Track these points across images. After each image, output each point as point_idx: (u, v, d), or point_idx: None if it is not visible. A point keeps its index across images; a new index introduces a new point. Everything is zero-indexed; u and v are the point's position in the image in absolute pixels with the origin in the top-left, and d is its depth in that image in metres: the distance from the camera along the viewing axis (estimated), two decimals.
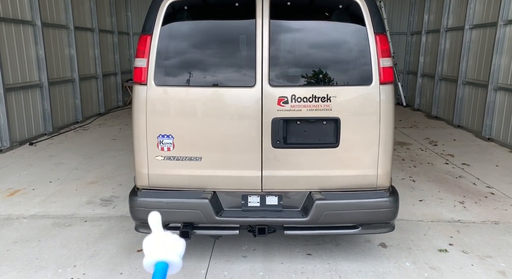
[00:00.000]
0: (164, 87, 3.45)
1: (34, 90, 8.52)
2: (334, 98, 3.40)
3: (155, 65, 3.41)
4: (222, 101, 3.46)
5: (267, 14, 3.37)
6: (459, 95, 9.88)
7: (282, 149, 3.44)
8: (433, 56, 11.61)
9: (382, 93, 3.40)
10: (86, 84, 10.99)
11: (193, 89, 3.47)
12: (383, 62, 3.39)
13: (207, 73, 3.48)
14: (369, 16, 3.38)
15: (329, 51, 3.49)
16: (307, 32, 3.52)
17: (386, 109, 3.43)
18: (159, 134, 3.46)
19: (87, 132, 9.53)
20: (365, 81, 3.41)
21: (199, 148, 3.46)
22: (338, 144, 3.43)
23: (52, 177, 6.11)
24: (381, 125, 3.43)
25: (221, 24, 3.57)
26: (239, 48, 3.54)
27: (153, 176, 3.51)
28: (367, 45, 3.38)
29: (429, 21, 12.13)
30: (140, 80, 3.44)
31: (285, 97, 3.40)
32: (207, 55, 3.48)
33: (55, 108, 9.31)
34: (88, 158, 7.20)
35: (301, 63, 3.51)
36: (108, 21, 12.44)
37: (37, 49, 8.56)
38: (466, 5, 9.52)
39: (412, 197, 5.36)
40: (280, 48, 3.49)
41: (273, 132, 3.42)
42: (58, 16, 9.50)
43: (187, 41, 3.49)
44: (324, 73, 3.46)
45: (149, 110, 3.45)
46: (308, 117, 3.42)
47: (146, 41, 3.41)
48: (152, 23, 3.41)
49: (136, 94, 3.47)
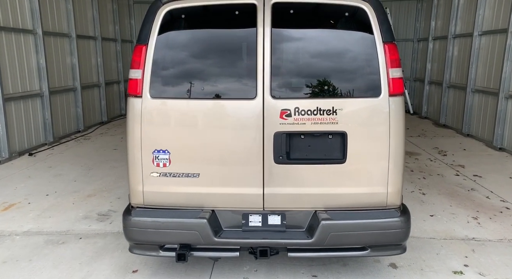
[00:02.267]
0: (160, 99, 3.27)
1: (34, 99, 8.41)
2: (340, 110, 3.19)
3: (151, 77, 3.23)
4: (221, 114, 3.27)
5: (268, 23, 3.18)
6: (468, 103, 9.62)
7: (285, 165, 3.24)
8: (441, 63, 11.37)
9: (392, 105, 3.19)
10: (88, 92, 10.88)
11: (191, 101, 3.28)
12: (393, 73, 3.19)
13: (206, 85, 3.29)
14: (377, 24, 3.18)
15: (335, 61, 3.29)
16: (311, 41, 3.32)
17: (396, 122, 3.21)
18: (154, 149, 3.28)
19: (88, 141, 9.38)
20: (374, 93, 3.20)
21: (197, 164, 3.27)
22: (345, 159, 3.22)
23: (49, 190, 5.94)
24: (391, 140, 3.21)
25: (220, 33, 3.39)
26: (239, 58, 3.36)
27: (148, 194, 3.31)
28: (375, 55, 3.18)
29: (436, 27, 11.92)
30: (135, 92, 3.27)
31: (288, 110, 3.21)
32: (206, 66, 3.30)
33: (56, 118, 9.19)
34: (88, 169, 7.04)
35: (304, 73, 3.31)
36: (111, 29, 12.36)
37: (38, 58, 8.46)
38: (474, 11, 9.30)
39: (423, 211, 5.12)
40: (283, 58, 3.30)
41: (275, 147, 3.22)
42: (60, 24, 9.41)
43: (185, 51, 3.30)
44: (330, 84, 3.26)
45: (144, 123, 3.26)
46: (313, 131, 3.21)
47: (141, 51, 3.24)
48: (147, 32, 3.24)
49: (131, 107, 3.29)
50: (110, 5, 12.27)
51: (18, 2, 7.86)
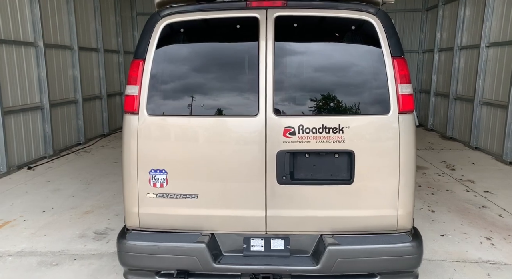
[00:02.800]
0: (157, 116, 3.11)
1: (34, 112, 8.30)
2: (347, 128, 3.02)
3: (148, 93, 3.09)
4: (221, 132, 3.10)
5: (271, 37, 3.04)
6: (476, 115, 9.42)
7: (289, 186, 3.06)
8: (447, 74, 11.21)
9: (402, 123, 3.01)
10: (90, 104, 10.79)
11: (190, 119, 3.12)
12: (402, 89, 3.02)
13: (206, 101, 3.14)
14: (385, 38, 3.03)
15: (341, 76, 3.13)
16: (316, 56, 3.17)
17: (406, 141, 3.03)
18: (151, 169, 3.11)
19: (89, 154, 9.25)
20: (382, 110, 3.04)
21: (196, 184, 3.10)
22: (352, 180, 3.04)
23: (46, 206, 5.78)
24: (401, 160, 3.03)
25: (220, 47, 3.24)
26: (240, 73, 3.20)
27: (144, 216, 3.14)
28: (384, 70, 3.01)
29: (442, 38, 11.78)
30: (131, 109, 3.12)
31: (291, 128, 3.04)
32: (205, 81, 3.14)
33: (57, 130, 9.07)
34: (87, 184, 6.88)
35: (309, 89, 3.15)
36: (114, 41, 12.33)
37: (39, 70, 8.38)
38: (481, 22, 9.16)
39: (433, 230, 4.90)
40: (286, 73, 3.15)
41: (278, 167, 3.04)
42: (62, 37, 9.36)
43: (183, 66, 3.16)
44: (336, 101, 3.09)
45: (141, 142, 3.10)
46: (318, 149, 3.04)
47: (138, 66, 3.10)
48: (145, 46, 3.10)
49: (127, 124, 3.14)
50: (113, 17, 12.26)
51: (20, 15, 7.81)
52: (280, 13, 3.08)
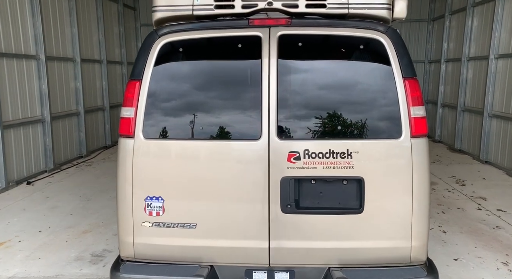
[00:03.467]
0: (154, 140, 2.95)
1: (35, 125, 8.18)
2: (356, 153, 2.83)
3: (144, 115, 2.93)
4: (221, 157, 2.93)
5: (274, 56, 2.87)
6: (485, 128, 9.18)
7: (294, 215, 2.87)
8: (455, 85, 11.00)
9: (415, 148, 2.82)
10: (92, 116, 10.67)
11: (188, 143, 2.95)
12: (414, 111, 2.83)
13: (205, 125, 2.97)
14: (396, 58, 2.85)
15: (349, 98, 2.95)
16: (322, 77, 3.00)
17: (420, 167, 2.84)
18: (147, 196, 2.94)
19: (90, 168, 9.10)
20: (393, 134, 2.85)
21: (194, 212, 2.92)
22: (362, 209, 2.84)
23: (43, 225, 5.60)
24: (415, 187, 2.83)
25: (221, 69, 3.08)
26: (241, 95, 3.03)
27: (140, 246, 2.95)
28: (395, 92, 2.83)
29: (449, 49, 11.60)
30: (126, 132, 2.95)
31: (296, 152, 2.86)
32: (205, 104, 2.98)
33: (58, 143, 8.94)
34: (86, 200, 6.71)
35: (315, 112, 2.97)
36: (117, 52, 12.26)
37: (40, 83, 8.28)
38: (490, 34, 8.97)
39: (445, 254, 4.66)
40: (290, 94, 2.97)
41: (282, 194, 2.86)
42: (64, 49, 9.28)
43: (182, 88, 3.00)
44: (343, 124, 2.91)
45: (136, 167, 2.93)
46: (325, 176, 2.85)
47: (134, 87, 2.94)
48: (142, 67, 2.95)
49: (122, 149, 2.97)
50: (117, 29, 12.20)
51: (22, 28, 7.73)
52: (284, 31, 2.92)
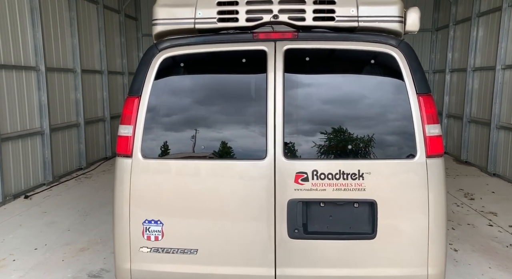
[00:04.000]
0: (153, 160, 2.79)
1: (34, 137, 8.03)
2: (368, 174, 2.66)
3: (143, 134, 2.77)
4: (224, 178, 2.76)
5: (280, 71, 2.72)
6: (493, 139, 9.00)
7: (302, 240, 2.70)
8: (460, 96, 10.85)
9: (430, 169, 2.65)
10: (92, 127, 10.54)
11: (189, 162, 2.79)
12: (430, 130, 2.67)
13: (207, 143, 2.81)
14: (409, 73, 2.70)
15: (360, 116, 2.79)
16: (331, 93, 2.84)
17: (436, 189, 2.66)
18: (145, 220, 2.77)
19: (89, 180, 8.93)
20: (408, 154, 2.69)
21: (195, 237, 2.74)
22: (374, 234, 2.67)
23: (39, 242, 5.42)
24: (431, 211, 2.66)
25: (224, 85, 2.93)
26: (246, 113, 2.87)
27: (137, 273, 2.78)
28: (408, 109, 2.67)
29: (453, 59, 11.47)
30: (124, 151, 2.80)
31: (304, 173, 2.69)
32: (207, 122, 2.82)
33: (57, 155, 8.79)
34: (84, 215, 6.53)
35: (324, 130, 2.81)
36: (118, 62, 12.17)
37: (39, 95, 8.15)
38: (496, 44, 8.84)
39: (459, 275, 4.45)
40: (298, 112, 2.81)
41: (289, 218, 2.68)
42: (64, 60, 9.18)
43: (183, 105, 2.85)
44: (354, 143, 2.74)
45: (134, 189, 2.77)
46: (335, 199, 2.68)
47: (133, 104, 2.79)
48: (141, 82, 2.80)
49: (119, 169, 2.81)
50: (118, 39, 12.13)
51: (21, 39, 7.63)
52: (290, 45, 2.77)
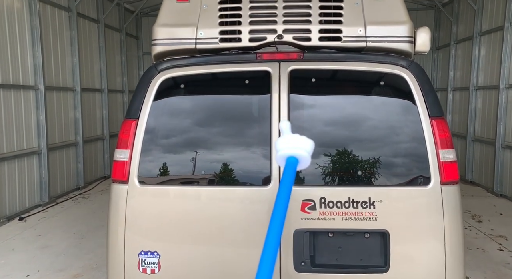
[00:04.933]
0: (150, 187, 2.63)
1: (30, 157, 7.88)
2: (380, 203, 2.50)
3: (140, 159, 2.62)
4: (226, 206, 2.60)
5: (285, 93, 2.59)
6: (498, 159, 8.84)
7: (309, 274, 2.52)
8: (463, 114, 10.74)
9: (446, 197, 2.49)
10: (91, 146, 10.40)
11: (188, 189, 2.64)
12: (444, 155, 2.52)
13: (207, 169, 2.66)
14: (421, 95, 2.57)
15: (369, 140, 2.64)
16: (338, 116, 2.71)
17: (453, 218, 2.50)
18: (141, 251, 2.59)
19: (86, 201, 8.73)
20: (421, 181, 2.53)
21: (194, 270, 2.56)
22: (387, 267, 2.48)
23: (31, 268, 5.20)
24: (447, 241, 2.49)
25: (226, 108, 2.80)
26: (248, 136, 2.73)
27: None
28: (421, 133, 2.53)
29: (455, 78, 11.42)
30: (120, 177, 2.64)
31: (311, 201, 2.53)
32: (208, 146, 2.68)
33: (54, 175, 8.61)
34: (80, 238, 6.31)
35: (331, 154, 2.65)
36: (118, 81, 12.13)
37: (38, 114, 8.03)
38: (499, 63, 8.78)
39: None
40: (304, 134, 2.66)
41: (295, 250, 2.51)
42: (64, 79, 9.11)
43: (183, 129, 2.70)
44: (364, 168, 2.59)
45: (129, 217, 2.60)
46: (345, 229, 2.51)
47: (130, 127, 2.64)
48: (139, 105, 2.66)
49: (114, 196, 2.66)
50: (119, 57, 12.12)
51: (21, 59, 7.56)
52: (295, 66, 2.65)
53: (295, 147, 1.39)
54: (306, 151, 1.40)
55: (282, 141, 1.43)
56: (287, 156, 1.39)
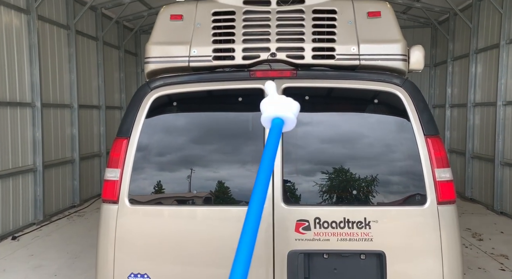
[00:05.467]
0: (141, 207, 2.57)
1: (25, 175, 7.80)
2: (375, 223, 2.44)
3: (131, 178, 2.57)
4: (218, 226, 2.54)
5: None
6: (497, 176, 8.78)
7: None
8: (461, 131, 10.73)
9: (443, 217, 2.44)
10: (88, 163, 10.33)
11: (179, 209, 2.58)
12: (440, 174, 2.47)
13: (200, 188, 2.60)
14: (416, 113, 2.54)
15: (365, 159, 2.60)
16: (332, 134, 2.67)
17: (450, 239, 2.44)
18: (130, 273, 2.52)
19: (82, 219, 8.61)
20: (417, 201, 2.48)
21: None
22: None
23: None
24: (445, 262, 2.42)
25: (219, 125, 2.77)
26: (241, 154, 2.69)
27: None
28: (416, 152, 2.49)
29: (453, 94, 11.46)
30: (110, 197, 2.58)
31: (305, 221, 2.47)
32: (200, 165, 2.64)
33: (49, 193, 8.51)
34: (74, 258, 6.18)
35: (325, 173, 2.61)
36: (116, 97, 12.15)
37: (34, 131, 8.00)
38: (496, 80, 8.82)
39: None
40: (297, 153, 2.63)
41: (289, 271, 2.44)
42: (61, 95, 9.12)
43: (175, 147, 2.67)
44: (360, 188, 2.54)
45: (119, 238, 2.53)
46: (340, 250, 2.45)
47: (121, 146, 2.60)
48: (130, 123, 2.63)
49: (104, 216, 2.59)
50: (117, 74, 12.18)
51: (18, 76, 7.57)
52: (289, 84, 2.63)
53: (281, 108, 1.36)
54: (292, 112, 1.37)
55: (268, 102, 1.39)
56: (272, 117, 1.35)
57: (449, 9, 10.77)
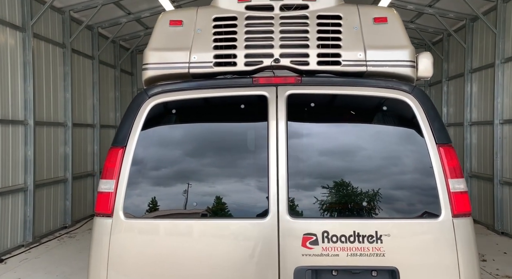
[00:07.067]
0: (136, 220, 2.41)
1: (15, 195, 7.55)
2: (387, 237, 2.30)
3: (127, 189, 2.41)
4: (218, 241, 2.38)
5: (283, 119, 2.45)
6: (497, 196, 8.66)
7: None
8: (459, 150, 10.67)
9: (458, 230, 2.31)
10: (81, 182, 10.08)
11: (178, 222, 2.42)
12: (454, 185, 2.35)
13: (199, 200, 2.45)
14: (427, 121, 2.44)
15: (375, 169, 2.48)
16: (339, 143, 2.56)
17: (466, 253, 2.31)
18: None
19: (73, 240, 8.31)
20: (431, 213, 2.35)
21: None
22: None
23: None
24: (462, 277, 2.25)
25: (220, 134, 2.64)
26: (244, 164, 2.55)
27: None
28: (428, 161, 2.38)
29: (449, 113, 11.49)
30: (104, 210, 2.42)
31: (313, 235, 2.32)
32: (200, 176, 2.49)
33: (40, 214, 8.24)
34: None
35: (334, 184, 2.48)
36: (111, 116, 12.03)
37: (26, 150, 7.79)
38: (492, 99, 8.84)
39: None
40: (304, 163, 2.50)
41: None
42: (55, 114, 8.97)
43: (173, 157, 2.53)
44: (370, 200, 2.40)
45: (113, 253, 2.36)
46: (350, 266, 2.29)
47: (116, 156, 2.46)
48: (127, 131, 2.50)
49: (96, 231, 2.42)
50: (113, 93, 12.11)
51: (11, 93, 7.44)
52: (293, 90, 2.53)
53: None
54: None
55: None
56: None
57: (443, 30, 10.93)
